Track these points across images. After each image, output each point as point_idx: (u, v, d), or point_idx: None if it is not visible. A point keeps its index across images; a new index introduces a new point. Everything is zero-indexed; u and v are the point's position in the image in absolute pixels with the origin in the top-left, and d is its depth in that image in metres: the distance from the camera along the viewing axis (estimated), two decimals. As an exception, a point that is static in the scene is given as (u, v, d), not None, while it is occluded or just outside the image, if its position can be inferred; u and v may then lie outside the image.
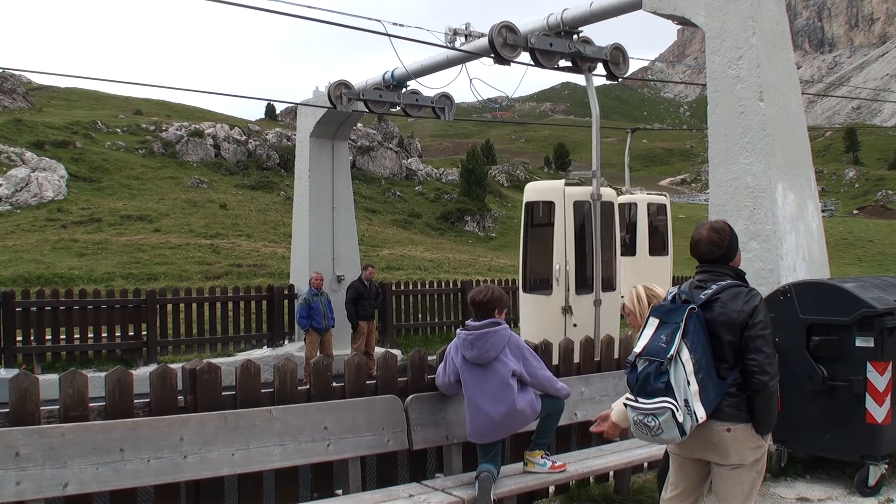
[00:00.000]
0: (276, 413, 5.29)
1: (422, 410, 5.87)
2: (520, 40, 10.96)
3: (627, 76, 12.49)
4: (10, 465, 4.39)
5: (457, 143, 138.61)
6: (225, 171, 56.00)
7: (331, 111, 14.70)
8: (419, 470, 6.03)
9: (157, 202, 42.99)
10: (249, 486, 5.30)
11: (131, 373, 5.05)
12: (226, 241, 34.34)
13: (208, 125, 63.04)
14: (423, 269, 31.86)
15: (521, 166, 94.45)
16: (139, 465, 4.73)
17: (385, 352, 6.22)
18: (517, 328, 13.05)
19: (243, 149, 60.79)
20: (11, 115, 60.72)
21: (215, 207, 43.15)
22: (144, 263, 27.59)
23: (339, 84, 14.31)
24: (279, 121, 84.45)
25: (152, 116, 72.22)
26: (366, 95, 14.28)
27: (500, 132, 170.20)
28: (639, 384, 4.09)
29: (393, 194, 60.35)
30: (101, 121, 65.27)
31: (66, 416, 4.75)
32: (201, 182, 50.47)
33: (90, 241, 32.00)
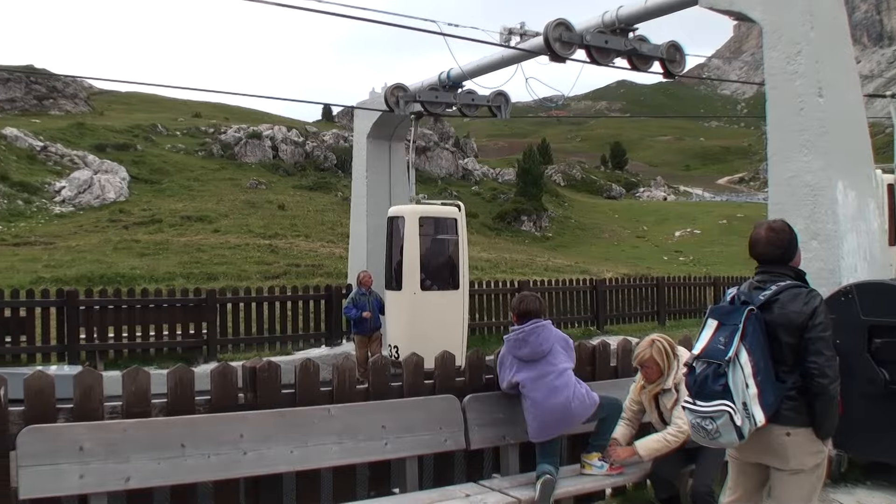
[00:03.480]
0: (335, 411, 5.33)
1: (480, 410, 5.87)
2: (575, 38, 10.90)
3: (684, 74, 12.36)
4: (74, 459, 4.47)
5: (512, 142, 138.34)
6: (283, 173, 56.49)
7: (387, 113, 14.75)
8: (476, 470, 6.02)
9: (216, 203, 43.48)
10: (307, 484, 5.33)
11: (192, 370, 5.12)
12: (284, 242, 34.61)
13: (266, 127, 63.67)
14: (480, 269, 31.80)
15: (577, 165, 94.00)
16: (199, 461, 4.79)
17: (443, 351, 6.22)
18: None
19: (301, 150, 61.26)
20: (74, 119, 61.96)
21: (273, 208, 43.53)
22: (204, 263, 27.93)
23: (396, 87, 14.34)
24: (336, 122, 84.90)
25: (211, 119, 73.19)
26: (422, 97, 14.28)
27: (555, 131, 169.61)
28: (696, 386, 4.05)
29: (449, 194, 60.38)
30: (161, 124, 66.33)
31: (129, 412, 4.83)
32: (259, 183, 50.95)
33: (151, 241, 32.48)
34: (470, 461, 6.02)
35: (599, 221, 63.01)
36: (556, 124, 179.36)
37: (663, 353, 5.61)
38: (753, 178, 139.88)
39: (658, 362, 5.60)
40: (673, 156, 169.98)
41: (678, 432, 5.49)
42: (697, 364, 4.07)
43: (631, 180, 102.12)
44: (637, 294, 21.85)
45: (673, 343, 5.76)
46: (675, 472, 5.75)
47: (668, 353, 5.62)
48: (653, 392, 5.72)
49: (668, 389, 5.63)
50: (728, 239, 53.29)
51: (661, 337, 5.77)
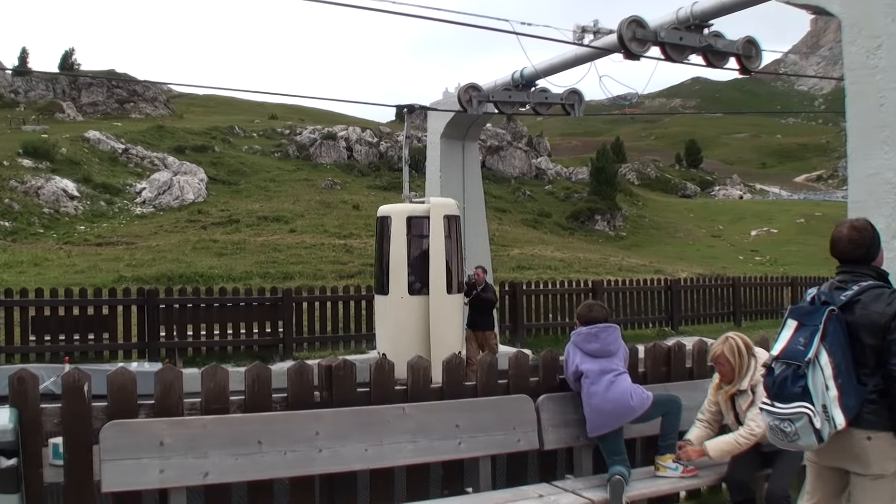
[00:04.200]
0: (409, 410, 5.36)
1: (553, 411, 5.85)
2: (649, 35, 10.78)
3: (760, 70, 12.14)
4: (155, 454, 4.57)
5: (585, 141, 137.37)
6: (357, 173, 56.98)
7: (461, 113, 14.76)
8: (549, 470, 6.01)
9: (292, 203, 44.02)
10: (381, 482, 5.36)
11: (269, 368, 5.20)
12: (358, 241, 34.88)
13: (341, 128, 64.25)
14: (553, 269, 31.71)
15: (651, 164, 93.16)
16: (276, 458, 4.86)
17: (517, 351, 6.22)
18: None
19: (375, 150, 61.72)
20: (154, 122, 63.30)
21: (348, 208, 43.91)
22: (280, 263, 28.30)
23: (469, 87, 14.34)
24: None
25: (287, 121, 74.12)
26: (495, 96, 14.26)
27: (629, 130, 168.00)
28: (775, 388, 3.97)
29: (523, 194, 60.30)
30: (238, 126, 67.37)
31: (208, 409, 4.92)
32: (334, 184, 51.46)
33: (229, 241, 33.03)
34: (543, 461, 6.01)
35: (674, 220, 62.35)
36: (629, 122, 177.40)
37: (735, 350, 5.54)
38: (832, 175, 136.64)
39: (730, 360, 5.54)
40: (749, 153, 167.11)
41: (750, 434, 5.42)
42: (776, 365, 4.00)
43: (706, 178, 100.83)
44: (712, 294, 21.56)
45: (749, 342, 5.68)
46: (750, 476, 5.67)
47: (742, 352, 5.55)
48: (729, 393, 5.65)
49: (744, 391, 5.55)
50: (805, 238, 52.34)
51: (735, 335, 5.70)
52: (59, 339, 13.93)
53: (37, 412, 4.61)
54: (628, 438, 5.90)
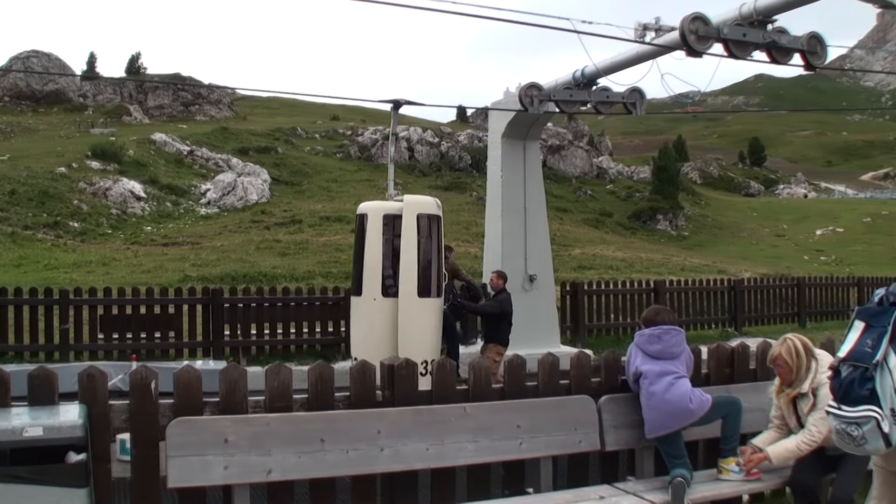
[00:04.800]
0: (471, 410, 5.37)
1: (615, 412, 5.82)
2: (711, 31, 10.67)
3: (825, 66, 11.93)
4: (219, 451, 4.64)
5: (647, 140, 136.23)
6: (419, 173, 57.15)
7: (522, 112, 14.72)
8: (610, 472, 5.98)
9: (353, 204, 43.92)
10: (442, 481, 5.39)
11: (332, 367, 5.24)
12: (419, 242, 34.93)
13: (402, 128, 64.38)
14: (615, 269, 31.49)
15: (714, 163, 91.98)
16: (338, 456, 4.90)
17: (578, 352, 6.20)
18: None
19: (436, 151, 61.84)
20: (218, 124, 64.19)
21: (409, 208, 43.95)
22: (343, 263, 28.43)
23: (530, 86, 14.30)
24: (470, 122, 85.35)
25: (348, 121, 74.62)
26: (556, 95, 14.20)
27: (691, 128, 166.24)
28: (842, 391, 3.90)
29: (584, 193, 59.98)
30: (301, 127, 68.02)
31: (271, 407, 4.98)
32: (396, 184, 51.56)
33: (292, 241, 33.33)
34: (604, 463, 5.98)
35: (737, 220, 61.51)
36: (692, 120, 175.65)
37: (793, 352, 5.48)
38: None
39: (788, 361, 5.48)
40: (813, 151, 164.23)
41: (811, 439, 5.35)
42: (843, 367, 3.93)
43: (770, 177, 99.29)
44: (776, 295, 21.26)
45: (808, 344, 5.59)
46: (815, 480, 5.58)
47: (800, 353, 5.48)
48: (790, 396, 5.58)
49: (805, 393, 5.48)
50: (872, 237, 51.30)
51: (795, 336, 5.63)
52: (126, 337, 14.20)
53: (105, 409, 4.70)
54: (690, 441, 5.85)
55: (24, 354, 13.72)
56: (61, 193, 38.55)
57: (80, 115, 63.98)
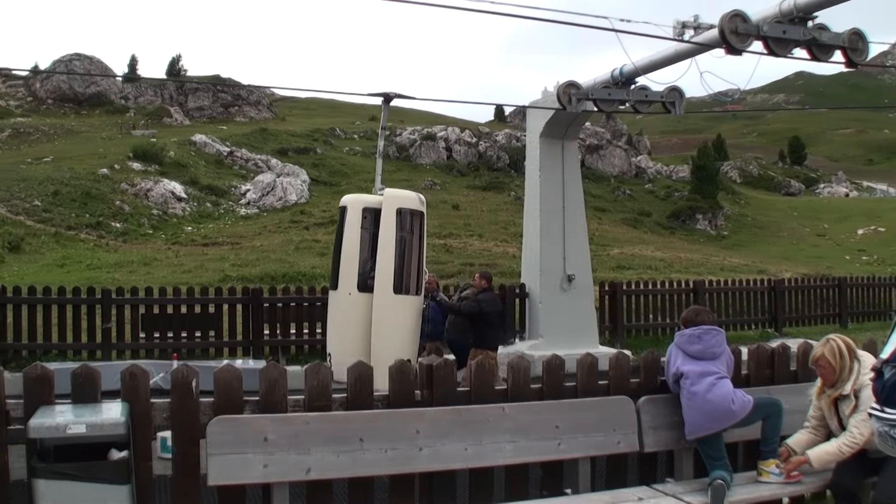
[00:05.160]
0: (509, 410, 5.35)
1: (654, 413, 5.78)
2: (751, 29, 10.59)
3: (866, 62, 11.78)
4: (259, 449, 4.67)
5: (686, 139, 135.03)
6: (457, 173, 57.20)
7: (560, 111, 14.68)
8: (649, 473, 5.94)
9: (392, 204, 44.29)
10: (480, 481, 5.38)
11: (371, 367, 5.26)
12: (458, 241, 35.02)
13: (440, 128, 64.58)
14: (654, 269, 31.32)
15: (753, 161, 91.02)
16: (377, 455, 4.91)
17: (617, 352, 6.17)
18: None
19: (474, 150, 61.88)
20: (257, 125, 64.65)
21: (448, 208, 44.11)
22: (381, 263, 28.52)
23: (568, 85, 14.25)
24: (508, 122, 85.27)
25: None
26: (594, 94, 14.15)
27: (730, 126, 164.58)
28: (885, 392, 3.86)
29: (622, 193, 59.72)
30: (339, 128, 68.24)
31: (311, 406, 5.00)
32: (434, 184, 51.75)
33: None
34: (643, 464, 5.94)
35: (777, 219, 60.87)
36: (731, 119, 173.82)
37: (836, 353, 5.42)
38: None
39: (831, 362, 5.42)
40: (855, 149, 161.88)
41: (852, 442, 5.29)
42: (887, 369, 3.88)
43: (810, 176, 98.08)
44: (817, 295, 21.04)
45: (851, 345, 5.53)
46: (856, 483, 5.50)
47: (843, 354, 5.42)
48: (832, 397, 5.52)
49: (847, 395, 5.42)
50: (916, 237, 50.62)
51: (837, 337, 5.57)
52: (167, 336, 14.35)
53: (147, 407, 4.75)
54: (730, 442, 5.80)
55: (68, 353, 13.92)
56: (103, 194, 39.04)
57: (122, 116, 64.76)
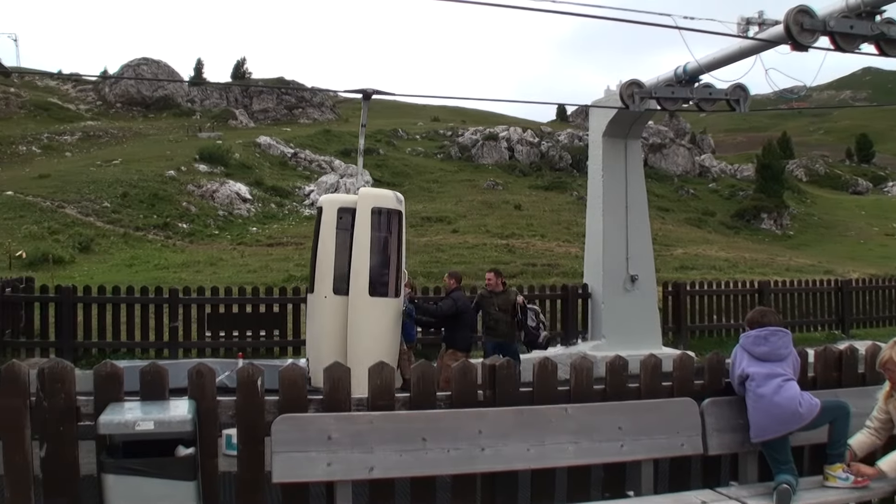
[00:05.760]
0: (572, 411, 5.34)
1: (718, 415, 5.72)
2: (817, 24, 10.41)
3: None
4: (323, 448, 4.73)
5: (751, 137, 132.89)
6: (518, 173, 57.11)
7: (623, 110, 14.59)
8: (713, 476, 5.88)
9: (454, 204, 44.51)
10: (542, 482, 5.38)
11: (433, 366, 5.29)
12: (520, 241, 34.96)
13: (502, 129, 64.53)
14: (718, 269, 30.95)
15: (820, 160, 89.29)
16: (439, 455, 4.94)
17: (681, 353, 6.12)
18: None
19: (536, 150, 61.75)
20: (321, 126, 65.24)
21: (510, 208, 44.06)
22: (443, 263, 28.60)
23: (631, 83, 14.16)
24: (570, 121, 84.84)
25: (448, 122, 74.92)
26: (658, 93, 14.02)
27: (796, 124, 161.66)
28: None
29: (686, 192, 59.06)
30: (402, 128, 68.52)
31: (374, 405, 5.05)
32: (496, 184, 51.74)
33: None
34: (707, 467, 5.89)
35: (844, 218, 59.66)
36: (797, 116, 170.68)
37: None
38: None
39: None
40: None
41: None
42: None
43: (879, 174, 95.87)
44: (886, 296, 20.56)
45: None
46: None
47: None
48: None
49: None
50: None
51: None
52: (233, 335, 14.54)
53: (213, 404, 4.84)
54: (796, 446, 5.71)
55: (136, 351, 14.18)
56: (170, 196, 39.69)
57: (188, 119, 65.75)
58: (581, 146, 55.92)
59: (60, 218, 34.70)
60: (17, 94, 68.81)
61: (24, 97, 68.90)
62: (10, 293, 14.16)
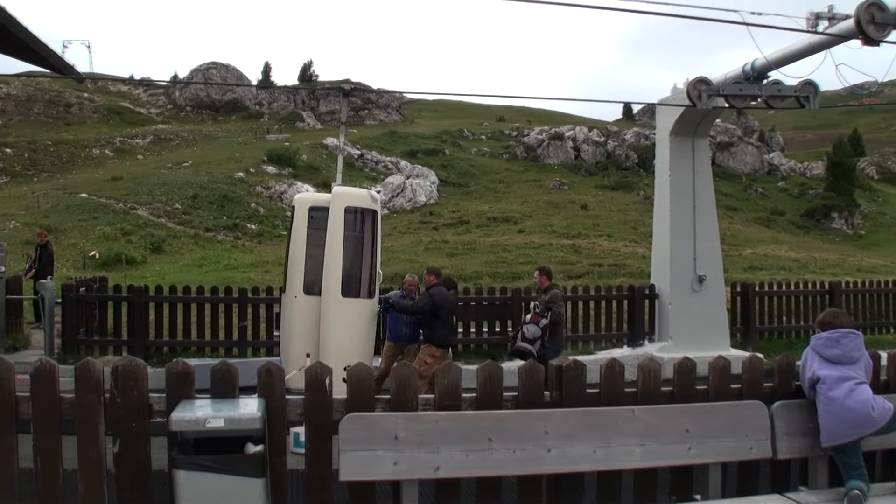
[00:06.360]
0: (639, 412, 5.30)
1: (788, 419, 5.62)
2: (889, 17, 10.19)
3: None
4: (390, 447, 4.77)
5: (820, 134, 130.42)
6: (585, 173, 56.90)
7: (690, 108, 14.44)
8: (782, 481, 5.78)
9: (520, 204, 44.47)
10: (608, 484, 5.36)
11: (500, 367, 5.29)
12: (586, 241, 34.82)
13: (568, 128, 64.35)
14: (787, 270, 30.47)
15: (892, 157, 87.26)
16: (505, 455, 4.93)
17: (751, 355, 6.04)
18: None
19: (602, 150, 61.48)
20: (387, 127, 65.65)
21: (576, 208, 43.91)
22: (509, 263, 28.62)
23: (698, 81, 14.00)
24: (636, 120, 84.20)
25: (514, 122, 74.88)
26: (725, 90, 13.84)
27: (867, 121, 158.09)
28: None
29: (754, 191, 58.26)
30: (467, 129, 68.66)
31: (441, 405, 5.08)
32: (562, 184, 51.58)
33: (459, 241, 33.74)
34: (775, 471, 5.79)
35: (918, 218, 58.30)
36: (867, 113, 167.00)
37: None
38: None
39: None
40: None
41: None
42: None
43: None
44: (962, 298, 20.03)
45: None
46: None
47: None
48: None
49: None
50: None
51: None
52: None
53: (282, 403, 4.91)
54: (867, 451, 5.59)
55: (206, 349, 14.42)
56: (239, 197, 40.31)
57: (256, 122, 66.66)
58: (648, 145, 55.47)
59: (133, 219, 35.46)
60: (90, 100, 70.44)
61: (98, 102, 70.50)
62: (85, 293, 14.47)
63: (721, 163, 60.26)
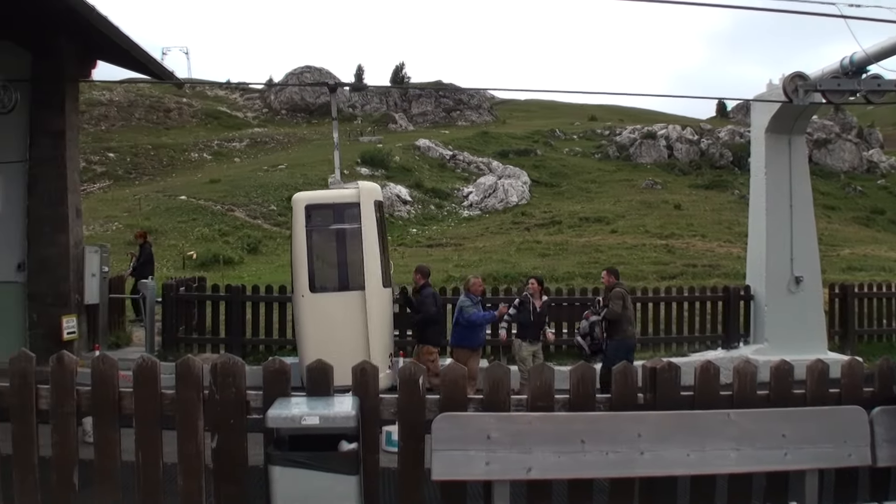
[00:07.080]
0: (734, 416, 5.22)
1: (889, 425, 5.47)
2: None
3: None
4: (482, 447, 4.80)
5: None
6: (678, 172, 56.17)
7: (786, 105, 14.17)
8: (881, 490, 5.62)
9: (612, 204, 44.14)
10: (702, 488, 5.30)
11: (594, 368, 5.29)
12: (680, 242, 34.38)
13: (660, 127, 63.61)
14: (888, 271, 29.57)
15: None
16: (597, 457, 4.92)
17: (850, 359, 5.91)
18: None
19: (696, 148, 60.60)
20: (479, 128, 65.83)
21: (669, 208, 43.38)
22: (602, 263, 28.35)
23: (795, 76, 13.73)
24: (731, 118, 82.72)
25: (606, 122, 74.34)
26: (823, 85, 13.54)
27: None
28: None
29: (853, 189, 56.71)
30: (559, 129, 68.41)
31: (534, 406, 5.09)
32: (655, 183, 51.02)
33: (551, 242, 33.64)
34: (875, 479, 5.64)
35: None
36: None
37: None
38: None
39: None
40: None
41: None
42: None
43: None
44: None
45: None
46: None
47: None
48: None
49: None
50: None
51: None
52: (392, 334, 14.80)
53: (376, 402, 5.00)
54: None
55: (301, 349, 14.63)
56: (333, 199, 40.78)
57: (350, 124, 67.45)
58: (742, 143, 54.52)
59: (230, 221, 36.24)
60: (189, 104, 72.26)
61: (196, 107, 72.28)
62: (185, 292, 14.86)
63: (818, 160, 58.86)
